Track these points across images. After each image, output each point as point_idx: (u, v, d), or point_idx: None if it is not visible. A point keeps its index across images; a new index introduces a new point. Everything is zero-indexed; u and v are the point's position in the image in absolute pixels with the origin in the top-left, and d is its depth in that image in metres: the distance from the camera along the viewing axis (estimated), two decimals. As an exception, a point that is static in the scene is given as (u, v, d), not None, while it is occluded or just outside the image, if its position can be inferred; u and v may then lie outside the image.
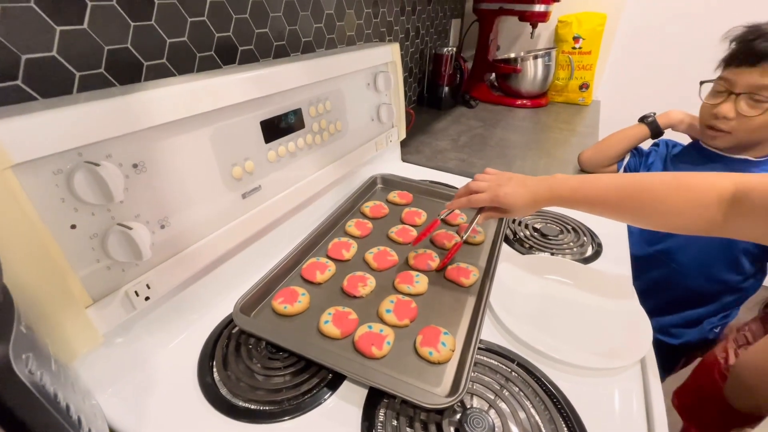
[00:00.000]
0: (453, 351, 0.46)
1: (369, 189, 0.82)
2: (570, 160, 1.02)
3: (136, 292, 0.41)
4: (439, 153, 1.05)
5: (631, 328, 0.50)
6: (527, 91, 1.48)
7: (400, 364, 0.45)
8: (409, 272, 0.58)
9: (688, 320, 0.86)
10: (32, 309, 0.32)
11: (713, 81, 0.73)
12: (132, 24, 0.48)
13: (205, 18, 0.57)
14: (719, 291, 0.81)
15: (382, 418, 0.39)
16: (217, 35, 0.60)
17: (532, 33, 1.43)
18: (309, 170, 0.65)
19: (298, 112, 0.60)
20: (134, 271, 0.41)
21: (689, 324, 0.86)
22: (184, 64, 0.56)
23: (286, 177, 0.60)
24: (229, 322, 0.49)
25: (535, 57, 1.40)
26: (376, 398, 0.41)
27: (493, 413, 0.39)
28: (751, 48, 0.65)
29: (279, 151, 0.57)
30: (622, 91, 1.72)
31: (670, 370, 0.94)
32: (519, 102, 1.49)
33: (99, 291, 0.38)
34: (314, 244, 0.63)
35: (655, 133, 0.91)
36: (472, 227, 0.56)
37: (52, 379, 0.26)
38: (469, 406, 0.40)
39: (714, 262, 0.79)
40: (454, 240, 0.65)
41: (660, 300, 0.86)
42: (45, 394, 0.24)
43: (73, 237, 0.35)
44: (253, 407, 0.40)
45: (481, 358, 0.45)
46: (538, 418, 0.39)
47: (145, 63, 0.51)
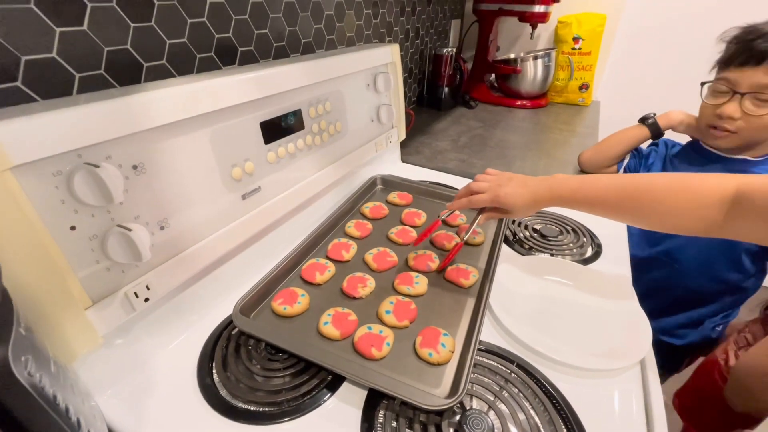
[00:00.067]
0: (452, 352, 0.46)
1: (369, 190, 0.82)
2: (570, 161, 1.02)
3: (136, 294, 0.41)
4: (439, 154, 1.05)
5: (631, 329, 0.50)
6: (527, 92, 1.48)
7: (400, 366, 0.45)
8: (408, 273, 0.58)
9: (691, 321, 0.86)
10: (32, 310, 0.33)
11: (713, 82, 0.73)
12: (132, 25, 0.48)
13: (204, 19, 0.57)
14: (721, 290, 0.82)
15: (381, 420, 0.39)
16: (216, 36, 0.60)
17: (532, 34, 1.43)
18: (309, 171, 0.65)
19: (297, 113, 0.60)
20: (134, 273, 0.41)
21: (692, 324, 0.86)
22: (183, 65, 0.56)
23: (286, 178, 0.60)
24: (228, 324, 0.49)
25: (534, 58, 1.40)
26: (375, 399, 0.41)
27: (492, 414, 0.39)
28: (753, 48, 0.65)
29: (279, 152, 0.57)
30: (621, 92, 1.72)
31: (674, 370, 0.94)
32: (519, 103, 1.49)
33: (98, 292, 0.38)
34: (314, 245, 0.63)
35: (656, 134, 0.91)
36: (473, 228, 0.56)
37: (51, 380, 0.26)
38: (468, 408, 0.40)
39: (715, 262, 0.79)
40: (454, 241, 0.65)
41: (662, 301, 0.86)
42: (44, 396, 0.24)
43: (73, 238, 0.35)
44: (252, 408, 0.40)
45: (481, 359, 0.45)
46: (537, 419, 0.39)
47: (145, 64, 0.51)
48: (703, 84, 0.75)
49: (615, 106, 1.63)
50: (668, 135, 0.93)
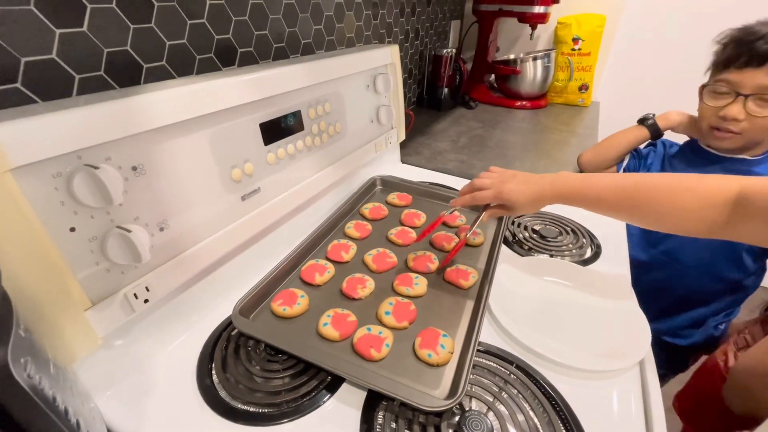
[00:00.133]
0: (452, 353, 0.46)
1: (368, 191, 0.82)
2: (569, 162, 1.02)
3: (135, 295, 0.41)
4: (439, 154, 1.05)
5: (630, 330, 0.50)
6: (527, 93, 1.48)
7: (399, 367, 0.45)
8: (408, 274, 0.58)
9: (694, 321, 0.87)
10: (31, 312, 0.33)
11: (713, 83, 0.73)
12: (131, 26, 0.48)
13: (204, 20, 0.57)
14: (722, 289, 0.82)
15: (380, 421, 0.39)
16: (216, 37, 0.60)
17: (532, 34, 1.43)
18: (308, 172, 0.65)
19: (297, 114, 0.60)
20: (133, 274, 0.41)
21: (695, 324, 0.87)
22: (183, 66, 0.56)
23: (286, 179, 0.60)
24: (228, 325, 0.49)
25: (534, 58, 1.40)
26: (374, 401, 0.41)
27: (491, 416, 0.39)
28: (754, 50, 0.65)
29: (278, 153, 0.57)
30: (621, 93, 1.72)
31: (681, 370, 0.94)
32: (518, 103, 1.49)
33: (98, 294, 0.38)
34: (313, 245, 0.63)
35: (655, 135, 0.91)
36: (476, 225, 0.56)
37: (50, 382, 0.26)
38: (467, 409, 0.40)
39: (716, 261, 0.79)
40: (454, 241, 0.65)
41: (664, 301, 0.87)
42: (43, 398, 0.24)
43: (73, 240, 0.35)
44: (251, 410, 0.40)
45: (480, 360, 0.45)
46: (536, 420, 0.39)
47: (145, 65, 0.51)
48: (704, 87, 0.75)
49: (614, 107, 1.63)
50: (666, 135, 0.93)
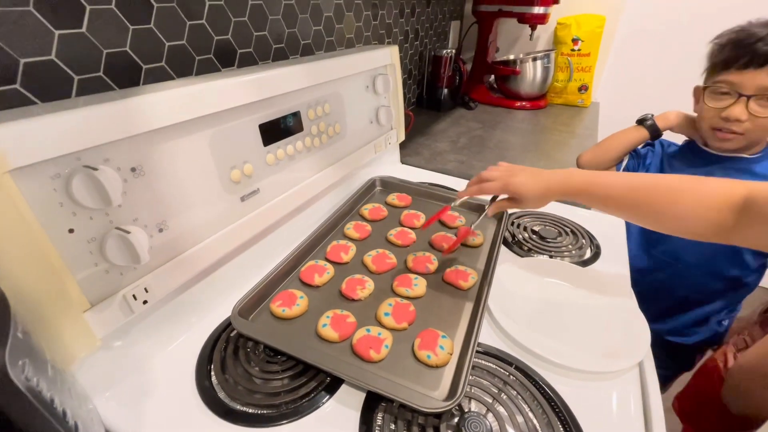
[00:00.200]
0: (451, 354, 0.46)
1: (368, 191, 0.82)
2: (569, 162, 1.02)
3: (134, 296, 0.41)
4: (438, 155, 1.05)
5: (630, 331, 0.50)
6: (526, 93, 1.48)
7: (398, 368, 0.45)
8: (407, 275, 0.58)
9: (697, 319, 0.87)
10: (30, 313, 0.32)
11: (714, 84, 0.73)
12: (131, 27, 0.48)
13: (203, 21, 0.57)
14: (724, 287, 0.82)
15: (380, 422, 0.39)
16: (216, 38, 0.60)
17: (531, 35, 1.43)
18: (308, 173, 0.65)
19: (297, 115, 0.60)
20: (132, 275, 0.41)
21: (698, 323, 0.87)
22: (182, 67, 0.56)
23: (285, 180, 0.60)
24: (227, 326, 0.49)
25: (534, 59, 1.40)
26: (374, 402, 0.41)
27: (490, 417, 0.39)
28: (755, 51, 0.66)
29: (278, 154, 0.57)
30: (621, 93, 1.72)
31: (688, 368, 0.94)
32: (518, 104, 1.49)
33: (97, 295, 0.38)
34: (313, 246, 0.63)
35: (654, 135, 0.91)
36: (482, 216, 0.57)
37: (48, 384, 0.26)
38: (467, 410, 0.40)
39: (717, 259, 0.79)
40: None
41: (667, 301, 0.87)
42: (41, 400, 0.24)
43: (71, 241, 0.35)
44: (251, 411, 0.40)
45: (479, 361, 0.45)
46: (535, 421, 0.39)
47: (144, 66, 0.51)
48: (704, 89, 0.75)
49: (614, 108, 1.63)
50: (664, 135, 0.93)
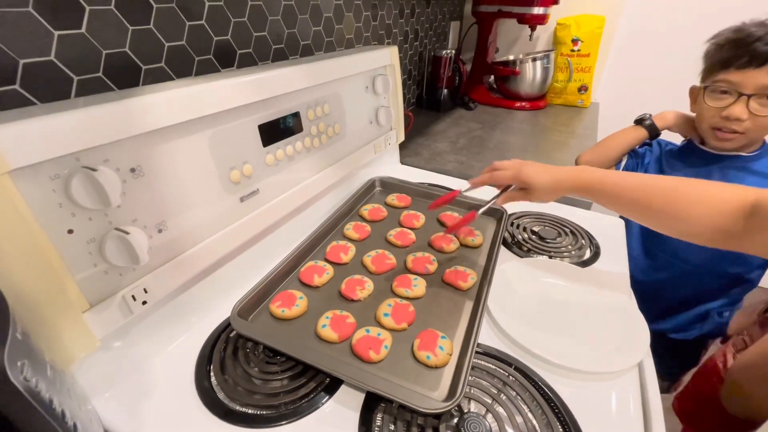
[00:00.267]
0: (450, 355, 0.46)
1: (367, 192, 0.82)
2: (569, 162, 1.02)
3: (134, 297, 0.41)
4: (438, 155, 1.05)
5: (629, 332, 0.50)
6: (526, 94, 1.48)
7: (398, 368, 0.45)
8: (407, 276, 0.58)
9: (699, 316, 0.87)
10: (29, 314, 0.32)
11: (713, 83, 0.73)
12: (130, 28, 0.48)
13: (203, 22, 0.57)
14: (727, 284, 0.83)
15: (379, 423, 0.39)
16: (215, 39, 0.60)
17: (531, 35, 1.43)
18: (307, 173, 0.65)
19: (296, 116, 0.60)
20: (131, 276, 0.41)
21: (700, 319, 0.88)
22: (182, 67, 0.56)
23: (285, 180, 0.60)
24: (226, 326, 0.49)
25: (533, 59, 1.40)
26: (373, 402, 0.41)
27: (490, 417, 0.39)
28: (755, 50, 0.66)
29: (277, 155, 0.57)
30: (620, 93, 1.72)
31: (694, 364, 0.94)
32: (518, 104, 1.49)
33: (96, 295, 0.38)
34: (312, 247, 0.63)
35: (653, 135, 0.91)
36: (491, 203, 0.57)
37: (47, 385, 0.26)
38: (466, 411, 0.40)
39: (720, 257, 0.79)
40: (453, 243, 0.65)
41: (670, 301, 0.87)
42: (40, 401, 0.24)
43: (71, 242, 0.35)
44: (250, 411, 0.40)
45: (479, 362, 0.45)
46: (535, 422, 0.39)
47: (144, 67, 0.51)
48: (703, 89, 0.75)
49: (614, 108, 1.63)
50: (662, 134, 0.93)
